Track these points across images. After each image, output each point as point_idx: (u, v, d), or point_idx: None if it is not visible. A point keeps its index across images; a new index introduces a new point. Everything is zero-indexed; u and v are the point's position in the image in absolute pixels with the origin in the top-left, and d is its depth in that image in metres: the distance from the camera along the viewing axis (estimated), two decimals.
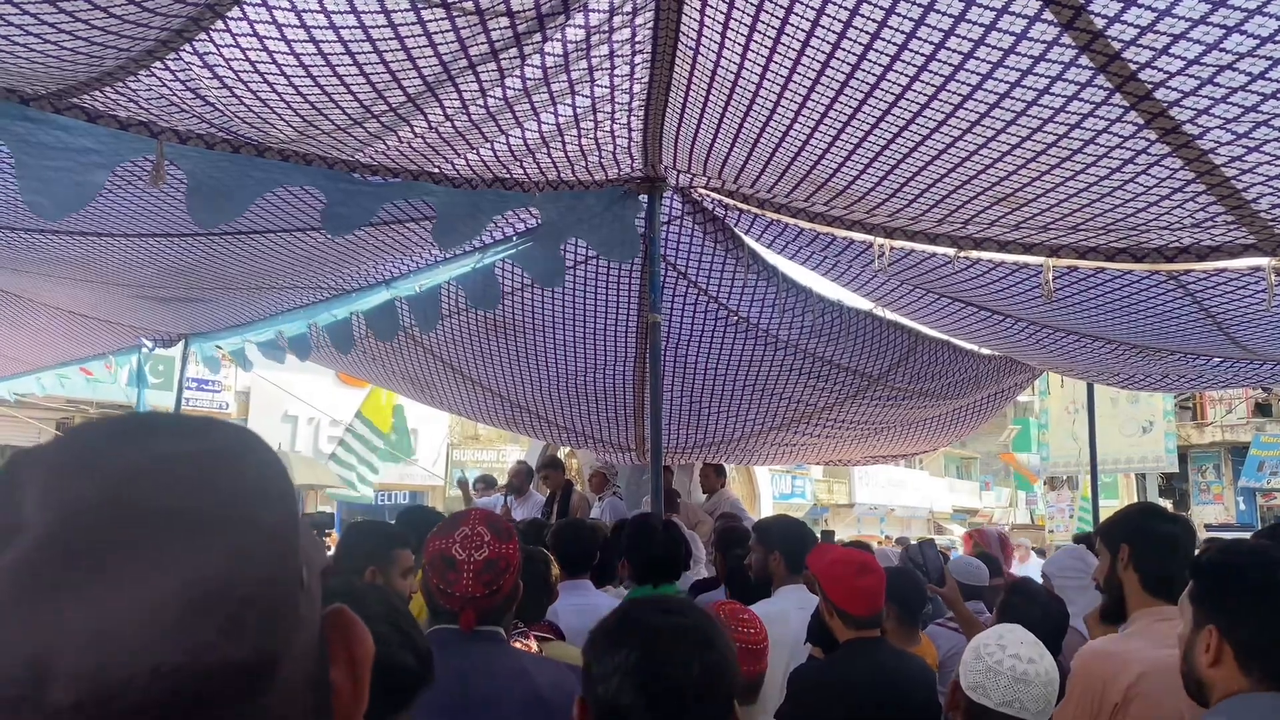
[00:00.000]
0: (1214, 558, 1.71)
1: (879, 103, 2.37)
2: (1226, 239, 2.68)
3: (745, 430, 7.21)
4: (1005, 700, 2.09)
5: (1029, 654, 2.15)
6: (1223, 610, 1.65)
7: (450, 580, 2.18)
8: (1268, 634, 1.60)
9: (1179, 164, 2.21)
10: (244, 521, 0.49)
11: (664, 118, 3.48)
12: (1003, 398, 7.54)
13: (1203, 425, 21.04)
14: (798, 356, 6.10)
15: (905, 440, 8.15)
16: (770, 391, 6.57)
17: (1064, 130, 2.18)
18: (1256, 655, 1.60)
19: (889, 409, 7.02)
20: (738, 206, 4.48)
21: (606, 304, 5.72)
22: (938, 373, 6.44)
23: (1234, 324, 3.52)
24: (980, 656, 2.17)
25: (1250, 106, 1.88)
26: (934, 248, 3.45)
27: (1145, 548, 2.36)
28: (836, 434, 7.50)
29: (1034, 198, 2.61)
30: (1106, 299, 3.44)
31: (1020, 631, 2.24)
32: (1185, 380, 5.34)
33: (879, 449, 8.35)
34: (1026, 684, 2.10)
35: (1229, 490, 21.01)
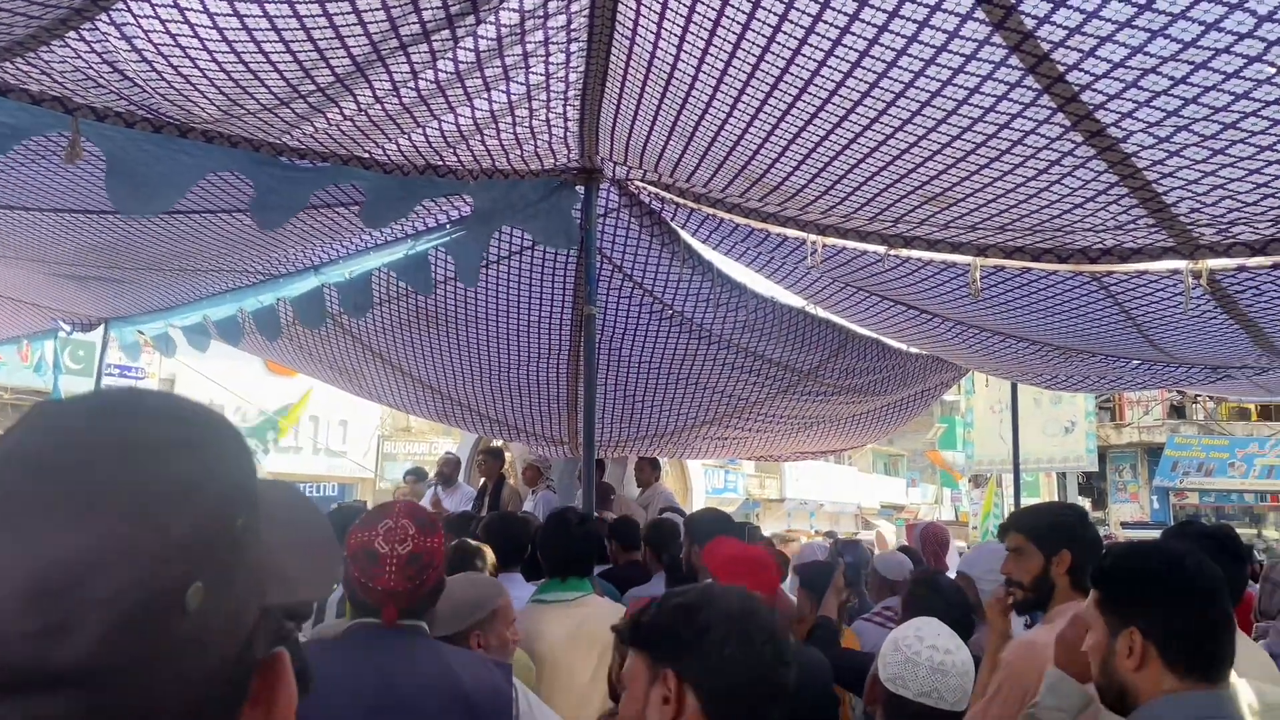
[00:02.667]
0: (1121, 562, 1.72)
1: (813, 99, 2.37)
2: (1147, 241, 2.75)
3: (679, 424, 7.22)
4: (923, 691, 2.12)
5: (946, 645, 2.18)
6: (1142, 611, 1.63)
7: (372, 574, 2.13)
8: (1191, 628, 1.61)
9: (1104, 166, 2.25)
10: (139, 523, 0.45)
11: (600, 108, 3.45)
12: (929, 395, 7.67)
13: (1121, 426, 21.69)
14: (731, 351, 6.13)
15: (834, 436, 8.25)
16: (704, 386, 6.59)
17: (993, 130, 2.20)
18: (1182, 651, 1.60)
19: (819, 404, 7.09)
20: (674, 200, 4.47)
21: (541, 296, 5.67)
22: (867, 369, 6.52)
23: (1152, 326, 3.62)
24: (899, 648, 2.20)
25: (1171, 111, 1.92)
26: (865, 245, 3.48)
27: (1084, 554, 2.41)
28: (768, 429, 7.56)
29: (963, 197, 2.64)
30: (1031, 299, 3.51)
31: (937, 624, 2.27)
32: (1105, 381, 5.48)
33: (809, 444, 8.44)
34: (944, 674, 2.13)
35: (1144, 489, 21.70)
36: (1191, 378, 5.16)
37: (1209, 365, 4.68)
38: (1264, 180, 2.17)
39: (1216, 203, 2.35)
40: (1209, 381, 5.30)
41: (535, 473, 8.45)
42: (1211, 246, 2.71)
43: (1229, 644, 1.63)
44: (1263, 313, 3.24)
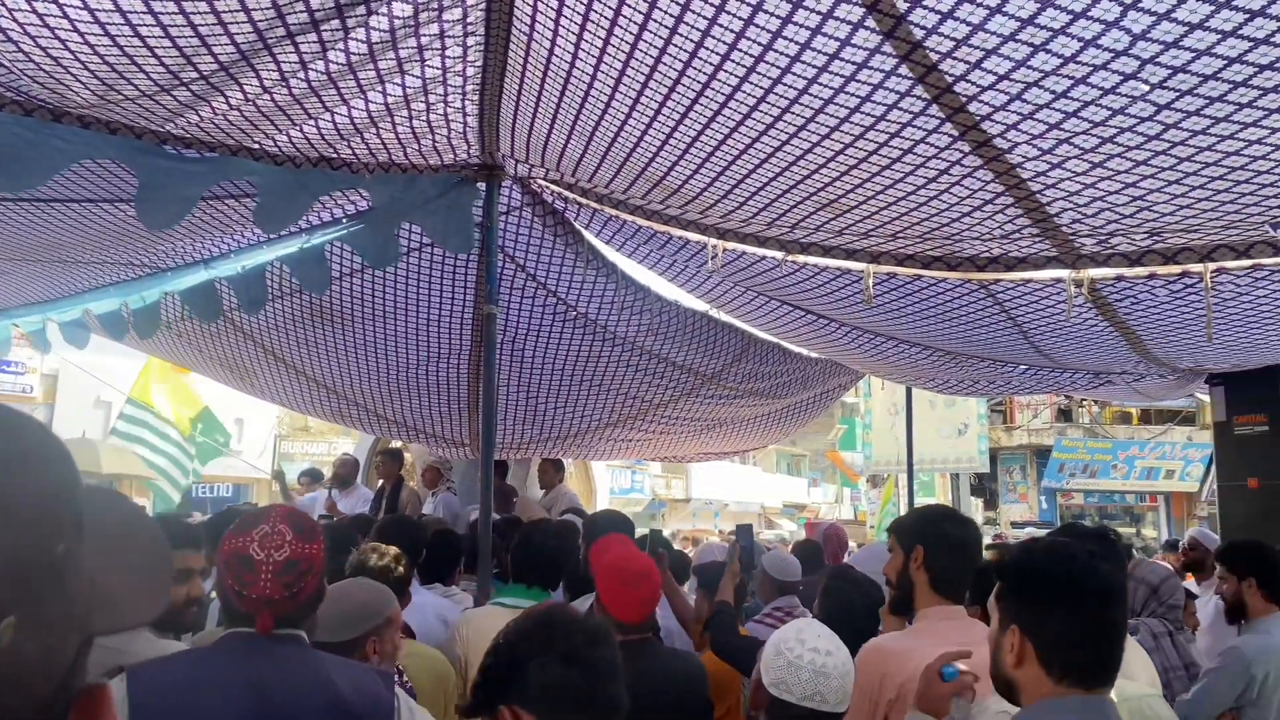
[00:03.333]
0: (1017, 557, 1.72)
1: (710, 103, 2.37)
2: (1032, 251, 2.83)
3: (582, 425, 7.19)
4: (807, 694, 2.12)
5: (827, 646, 2.19)
6: (1025, 610, 1.64)
7: (247, 581, 2.04)
8: (1067, 632, 1.59)
9: (990, 176, 2.30)
10: None
11: (500, 104, 3.39)
12: (828, 398, 7.81)
13: (1011, 429, 22.48)
14: (635, 353, 6.12)
15: (737, 437, 8.33)
16: (607, 387, 6.57)
17: (884, 138, 2.23)
18: (1057, 654, 1.59)
19: (722, 406, 7.15)
20: (577, 200, 4.44)
21: (441, 294, 5.56)
22: (768, 373, 6.60)
23: (1037, 333, 3.73)
24: (780, 653, 2.20)
25: (1053, 124, 1.97)
26: (764, 250, 3.50)
27: (936, 549, 2.45)
28: (672, 430, 7.59)
29: (856, 204, 2.67)
30: (923, 306, 3.58)
31: (816, 625, 2.28)
32: (994, 385, 5.65)
33: (712, 446, 8.50)
34: (826, 677, 2.13)
35: (1033, 490, 22.54)
36: (1075, 383, 5.36)
37: (1091, 371, 4.87)
38: (1139, 194, 2.25)
39: (1096, 214, 2.43)
40: (1091, 386, 5.52)
41: (435, 474, 8.33)
42: (1092, 256, 2.80)
43: (1112, 651, 1.61)
44: (1140, 320, 3.37)
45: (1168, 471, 20.99)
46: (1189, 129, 1.91)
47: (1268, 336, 3.56)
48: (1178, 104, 1.82)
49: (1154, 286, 2.97)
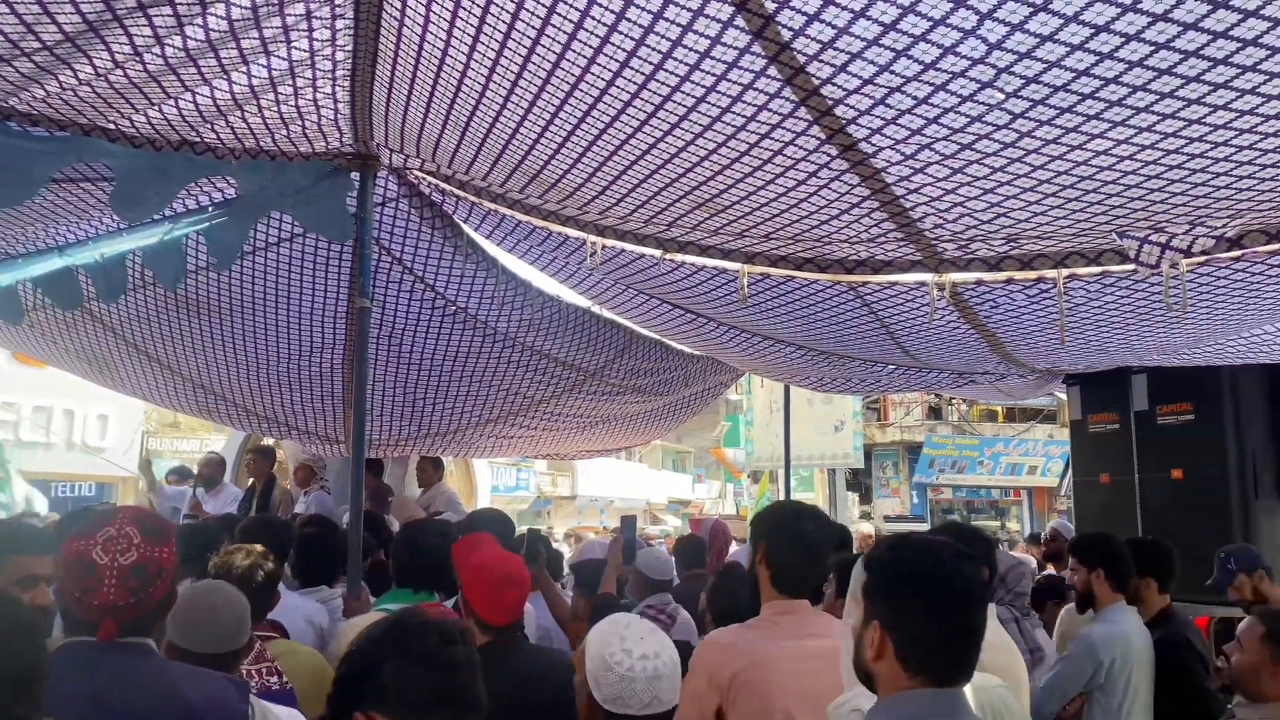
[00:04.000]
0: (883, 555, 1.73)
1: (585, 96, 2.35)
2: (897, 254, 2.91)
3: (462, 422, 7.08)
4: (646, 704, 2.07)
5: (653, 648, 2.12)
6: (887, 607, 1.65)
7: (88, 587, 1.93)
8: (926, 632, 1.61)
9: (857, 180, 2.35)
10: None
11: (372, 92, 3.30)
12: (709, 395, 7.90)
13: (885, 426, 23.23)
14: (516, 349, 6.05)
15: (620, 433, 8.35)
16: (488, 383, 6.48)
17: (755, 139, 2.25)
18: (913, 650, 1.61)
19: (604, 403, 7.15)
20: (454, 193, 4.36)
21: (315, 287, 5.38)
22: (651, 369, 6.63)
23: (904, 334, 3.85)
24: (610, 667, 2.10)
25: (915, 129, 2.03)
26: (642, 249, 3.51)
27: (775, 546, 2.49)
28: (554, 427, 7.54)
29: (730, 204, 2.70)
30: (796, 306, 3.65)
31: (635, 624, 2.19)
32: (866, 384, 5.82)
33: (595, 442, 8.50)
34: (660, 679, 2.09)
35: (905, 485, 23.34)
36: (941, 382, 5.56)
37: (955, 371, 5.06)
38: (996, 200, 2.34)
39: (957, 220, 2.51)
40: (957, 385, 5.73)
41: (308, 473, 8.07)
42: (954, 261, 2.90)
43: (969, 652, 1.64)
44: (999, 323, 3.51)
45: (1030, 467, 22.07)
46: (1041, 138, 1.99)
47: (1116, 339, 3.76)
48: (1030, 114, 1.89)
49: (1011, 291, 3.10)
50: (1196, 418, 5.15)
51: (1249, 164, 2.06)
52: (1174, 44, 1.60)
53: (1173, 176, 2.12)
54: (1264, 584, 4.36)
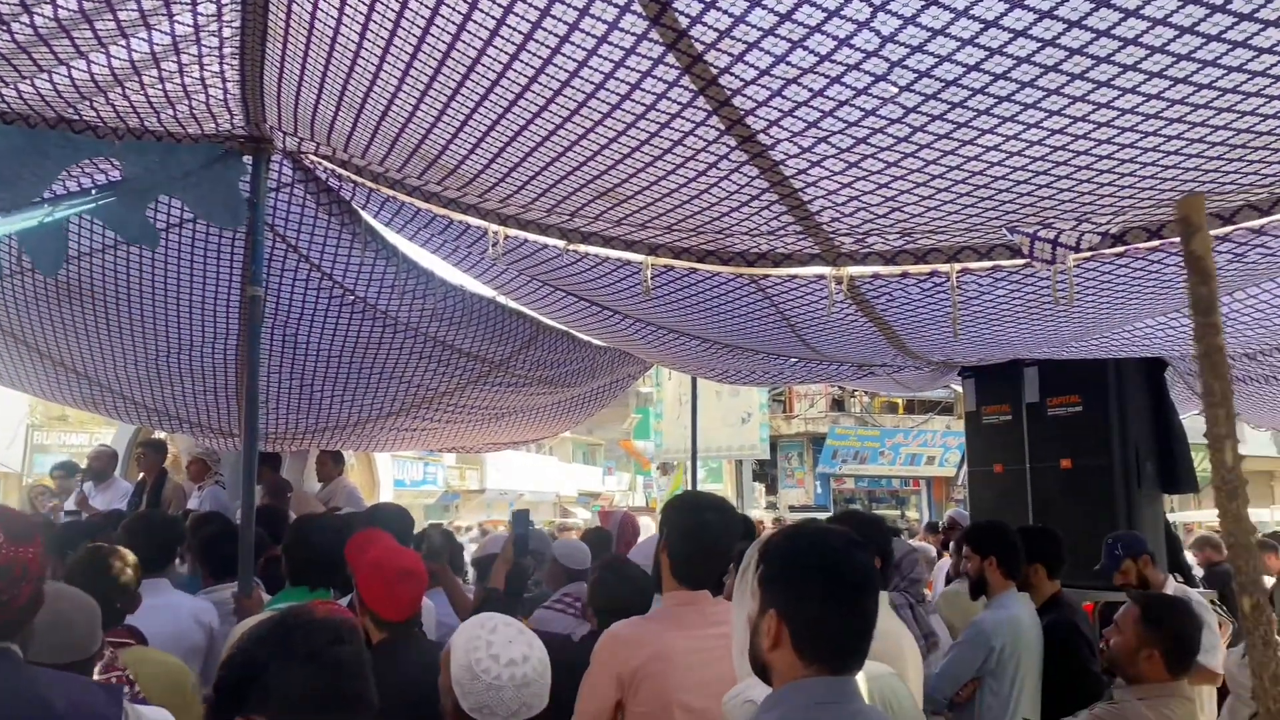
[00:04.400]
0: (779, 543, 1.72)
1: (481, 80, 2.29)
2: (797, 247, 2.92)
3: (362, 415, 6.91)
4: (514, 710, 2.00)
5: (521, 652, 2.05)
6: (783, 595, 1.64)
7: None
8: (822, 619, 1.61)
9: (756, 172, 2.35)
10: None
11: (263, 71, 3.17)
12: (618, 387, 7.88)
13: (790, 418, 23.62)
14: (418, 340, 5.93)
15: (527, 426, 8.27)
16: (389, 375, 6.33)
17: (655, 128, 2.23)
18: (809, 638, 1.61)
19: (510, 395, 7.06)
20: (351, 179, 4.23)
21: (206, 274, 5.17)
22: (557, 361, 6.57)
23: (804, 327, 3.88)
24: (476, 675, 2.01)
25: (812, 122, 2.03)
26: (545, 239, 3.46)
27: (675, 535, 2.50)
28: (458, 419, 7.42)
29: (631, 195, 2.67)
30: (699, 299, 3.65)
31: (502, 629, 2.09)
32: (770, 376, 5.87)
33: (501, 435, 8.40)
34: (528, 686, 2.02)
35: (809, 475, 23.80)
36: (842, 374, 5.64)
37: (855, 363, 5.14)
38: (891, 195, 2.36)
39: (853, 213, 2.53)
40: (856, 378, 5.83)
41: (202, 467, 7.82)
42: (851, 255, 2.93)
43: (863, 639, 1.65)
44: (895, 316, 3.57)
45: (929, 458, 22.71)
46: (933, 133, 2.01)
47: (1007, 333, 3.86)
48: (923, 108, 1.91)
49: (907, 285, 3.15)
50: (1084, 409, 5.33)
51: (1131, 161, 2.12)
52: (1059, 41, 1.63)
53: (1060, 173, 2.18)
54: (1148, 569, 4.55)
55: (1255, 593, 1.13)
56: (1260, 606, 1.14)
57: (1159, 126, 1.94)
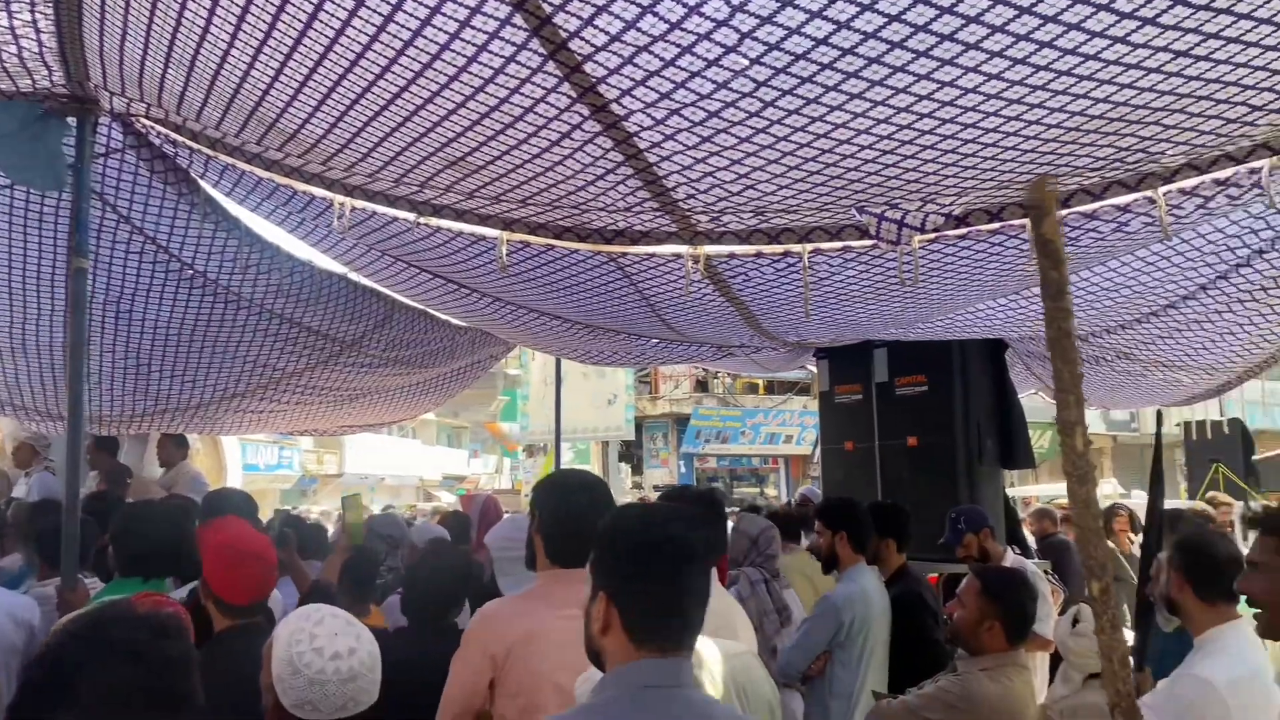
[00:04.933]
0: (606, 522, 1.69)
1: (320, 38, 2.16)
2: (654, 225, 2.89)
3: (204, 397, 6.56)
4: (340, 705, 1.91)
5: (348, 644, 1.95)
6: (610, 577, 1.62)
7: None
8: (648, 599, 1.59)
9: (610, 144, 2.30)
10: None
11: (81, 21, 2.92)
12: (479, 368, 7.73)
13: (656, 399, 23.84)
14: (263, 317, 5.64)
15: (383, 408, 8.03)
16: (233, 354, 6.01)
17: (504, 94, 2.14)
18: (638, 619, 1.59)
19: (365, 376, 6.83)
20: (188, 145, 3.96)
21: (27, 244, 4.77)
22: (414, 341, 6.38)
23: (664, 307, 3.87)
24: (298, 670, 1.90)
25: (664, 93, 1.99)
26: (394, 211, 3.32)
27: (546, 515, 2.48)
28: (309, 401, 7.14)
29: (482, 165, 2.58)
30: (558, 277, 3.58)
31: (329, 620, 1.99)
32: (631, 356, 5.86)
33: (355, 417, 8.14)
34: (355, 680, 1.92)
35: (673, 455, 24.10)
36: (702, 355, 5.68)
37: (714, 344, 5.18)
38: (744, 172, 2.35)
39: (708, 190, 2.51)
40: (716, 358, 5.89)
41: (30, 452, 7.33)
42: (707, 233, 2.92)
43: (691, 616, 1.64)
44: (751, 297, 3.59)
45: (787, 436, 23.35)
46: (783, 109, 2.00)
47: (857, 313, 3.95)
48: (773, 83, 1.90)
49: (761, 265, 3.16)
50: (930, 389, 5.53)
51: (974, 142, 2.17)
52: (904, 17, 1.64)
53: (905, 153, 2.21)
54: (989, 542, 4.76)
55: (1103, 576, 1.15)
56: (1108, 590, 1.17)
57: (999, 107, 1.98)
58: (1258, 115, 2.23)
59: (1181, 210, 2.76)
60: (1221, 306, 4.13)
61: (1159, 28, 1.75)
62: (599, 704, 1.61)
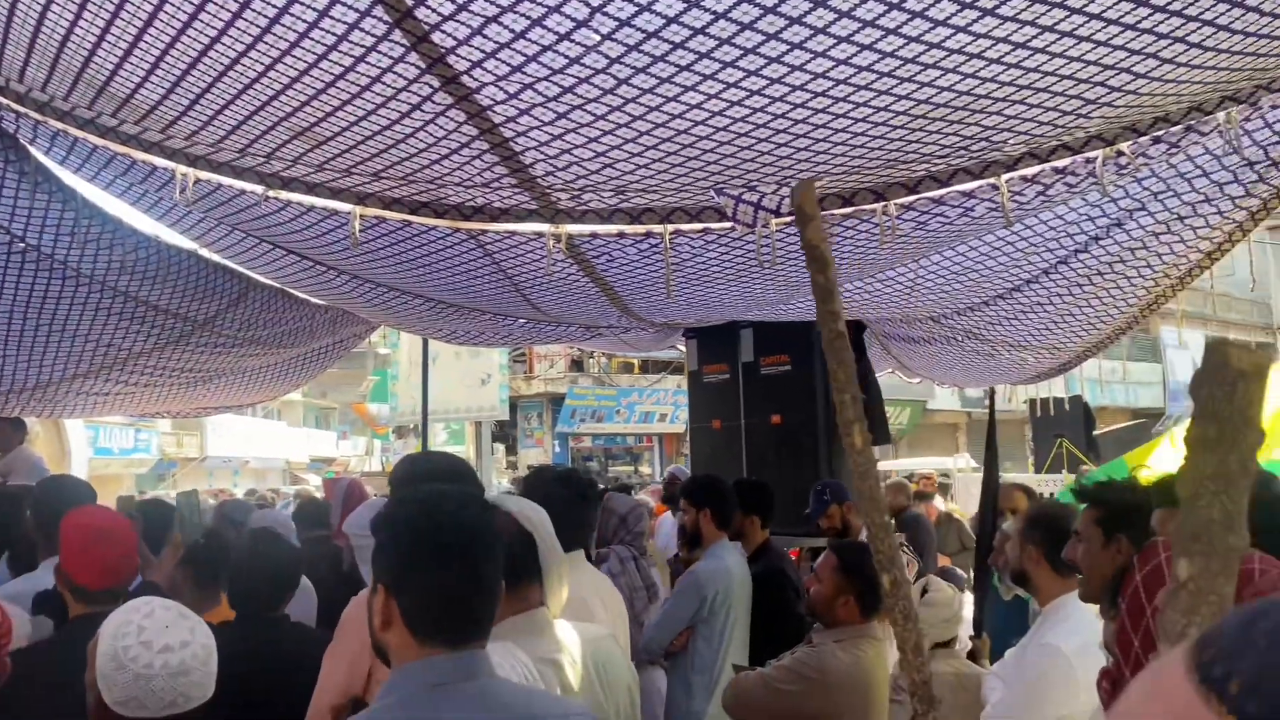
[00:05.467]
0: (385, 509, 1.58)
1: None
2: (513, 202, 2.84)
3: (43, 377, 6.14)
4: (169, 702, 1.81)
5: (180, 638, 1.85)
6: (387, 566, 1.51)
7: None
8: (430, 589, 1.48)
9: (463, 117, 2.23)
10: None
11: None
12: (342, 348, 7.51)
13: (530, 378, 23.73)
14: (106, 295, 5.31)
15: (240, 389, 7.71)
16: (72, 333, 5.65)
17: (350, 61, 2.05)
18: (421, 613, 1.48)
19: (219, 356, 6.53)
20: (14, 108, 3.68)
21: None
22: (271, 320, 6.13)
23: (528, 286, 3.82)
24: (123, 665, 1.79)
25: (516, 66, 1.94)
26: (241, 183, 3.16)
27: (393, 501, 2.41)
28: (159, 383, 6.78)
29: (330, 136, 2.47)
30: (418, 254, 3.48)
31: (159, 613, 1.89)
32: (499, 336, 5.78)
33: (211, 399, 7.80)
34: (186, 674, 1.83)
35: (548, 435, 24.06)
36: (570, 335, 5.65)
37: (582, 325, 5.15)
38: (602, 150, 2.32)
39: (566, 167, 2.48)
40: (585, 339, 5.87)
41: None
42: (569, 212, 2.88)
43: (481, 606, 1.54)
44: (615, 277, 3.57)
45: (661, 415, 23.60)
46: (639, 87, 1.98)
47: (720, 295, 3.99)
48: (626, 59, 1.87)
49: (625, 245, 3.15)
50: (793, 368, 5.66)
51: (825, 127, 2.20)
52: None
53: (760, 135, 2.22)
54: (850, 514, 4.91)
55: (893, 570, 1.18)
56: (898, 583, 1.20)
57: (849, 93, 2.01)
58: (1090, 108, 2.33)
59: (1024, 197, 2.87)
60: (1063, 290, 4.34)
61: (998, 19, 1.80)
62: (381, 710, 1.49)
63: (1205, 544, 0.63)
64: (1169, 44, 1.97)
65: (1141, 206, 3.47)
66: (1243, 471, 0.64)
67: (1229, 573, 0.64)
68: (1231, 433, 0.63)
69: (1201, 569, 0.63)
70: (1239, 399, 0.63)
